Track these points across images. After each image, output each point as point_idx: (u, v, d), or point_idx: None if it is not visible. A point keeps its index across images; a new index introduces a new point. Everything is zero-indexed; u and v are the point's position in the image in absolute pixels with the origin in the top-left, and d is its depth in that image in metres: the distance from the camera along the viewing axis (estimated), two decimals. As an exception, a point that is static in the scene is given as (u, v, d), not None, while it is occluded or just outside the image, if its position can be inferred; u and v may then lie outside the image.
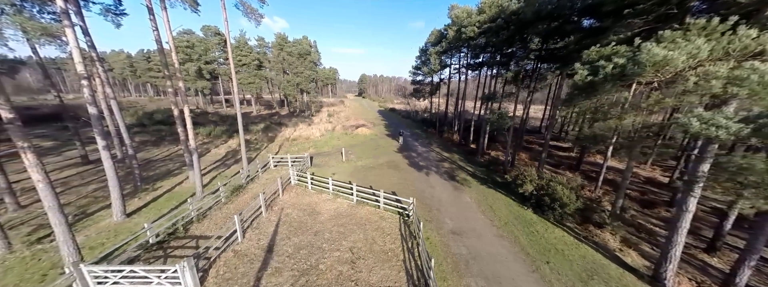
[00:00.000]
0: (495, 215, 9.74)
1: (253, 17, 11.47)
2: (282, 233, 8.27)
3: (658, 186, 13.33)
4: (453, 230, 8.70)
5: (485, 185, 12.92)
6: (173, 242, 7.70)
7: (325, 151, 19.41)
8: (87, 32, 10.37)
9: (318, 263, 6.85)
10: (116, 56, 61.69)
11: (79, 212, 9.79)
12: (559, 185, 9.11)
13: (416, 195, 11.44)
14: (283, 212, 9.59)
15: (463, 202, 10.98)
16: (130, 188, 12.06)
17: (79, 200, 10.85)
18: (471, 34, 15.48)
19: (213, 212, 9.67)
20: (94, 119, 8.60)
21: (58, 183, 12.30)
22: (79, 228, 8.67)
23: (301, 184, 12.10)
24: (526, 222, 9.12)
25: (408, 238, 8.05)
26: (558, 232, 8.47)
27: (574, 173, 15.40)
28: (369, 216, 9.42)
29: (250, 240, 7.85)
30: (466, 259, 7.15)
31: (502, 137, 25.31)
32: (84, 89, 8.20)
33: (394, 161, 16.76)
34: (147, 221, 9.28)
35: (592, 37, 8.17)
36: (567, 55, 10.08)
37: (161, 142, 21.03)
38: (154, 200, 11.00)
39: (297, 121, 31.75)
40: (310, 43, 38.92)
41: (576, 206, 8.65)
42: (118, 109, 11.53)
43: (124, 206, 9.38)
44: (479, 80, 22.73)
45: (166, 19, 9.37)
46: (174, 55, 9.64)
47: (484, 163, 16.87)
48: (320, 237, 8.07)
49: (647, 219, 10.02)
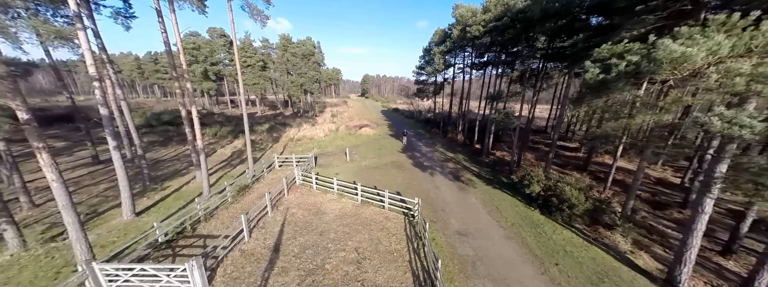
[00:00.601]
0: (501, 215, 9.62)
1: (258, 19, 11.57)
2: (288, 232, 8.31)
3: (669, 187, 13.01)
4: (459, 231, 8.62)
5: (491, 186, 12.78)
6: (182, 240, 7.80)
7: (329, 151, 19.48)
8: (98, 35, 10.61)
9: (324, 263, 6.86)
10: (124, 58, 63.07)
11: (90, 211, 10.00)
12: (567, 186, 8.95)
13: (421, 196, 11.37)
14: (289, 212, 9.63)
15: (468, 203, 10.88)
16: (139, 187, 12.28)
17: (90, 199, 11.09)
18: (476, 33, 15.34)
19: (220, 211, 9.77)
20: (106, 120, 8.78)
21: (70, 183, 12.59)
22: (91, 227, 8.85)
23: (306, 184, 12.15)
24: (534, 223, 8.98)
25: (413, 239, 8.00)
26: (566, 233, 8.31)
27: (581, 173, 15.13)
28: (374, 216, 9.40)
29: (256, 239, 7.90)
30: (473, 260, 7.07)
31: (507, 137, 25.03)
32: (96, 90, 8.37)
33: (399, 161, 16.72)
34: (156, 220, 9.44)
35: (601, 35, 8.00)
36: (575, 54, 9.91)
37: (169, 142, 21.39)
38: (162, 200, 11.17)
39: (301, 121, 31.96)
40: (314, 44, 39.13)
41: (585, 208, 8.49)
42: (128, 110, 11.76)
43: (133, 205, 9.54)
44: (483, 79, 22.54)
45: (174, 21, 9.50)
46: (182, 56, 9.78)
47: (490, 163, 16.70)
48: (325, 236, 8.08)
49: (659, 220, 9.77)
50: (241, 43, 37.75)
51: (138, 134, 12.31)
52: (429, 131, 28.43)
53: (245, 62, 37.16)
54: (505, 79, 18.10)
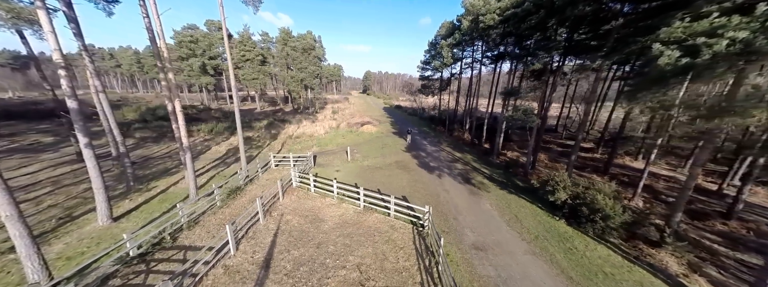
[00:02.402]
0: (522, 226, 8.52)
1: (250, 3, 10.38)
2: (280, 244, 7.29)
3: (704, 193, 11.80)
4: (476, 244, 7.55)
5: (505, 190, 11.66)
6: (158, 253, 6.80)
7: (329, 149, 18.42)
8: (74, 19, 9.49)
9: (321, 284, 5.83)
10: (124, 52, 62.06)
11: (64, 214, 9.05)
12: (600, 194, 7.81)
13: (429, 200, 10.31)
14: (283, 219, 8.61)
15: (482, 209, 9.79)
16: (122, 188, 11.32)
17: (68, 201, 10.13)
18: (490, 23, 14.03)
19: (206, 217, 8.77)
20: (74, 114, 7.74)
21: (49, 182, 11.66)
22: (61, 234, 7.89)
23: (303, 186, 11.11)
24: (561, 237, 7.88)
25: (424, 254, 6.94)
26: (602, 250, 7.21)
27: (602, 176, 13.93)
28: (378, 224, 8.35)
29: (243, 252, 6.89)
30: (496, 283, 6.01)
31: (515, 137, 23.79)
32: (61, 79, 7.31)
33: (403, 161, 15.63)
34: (135, 226, 8.49)
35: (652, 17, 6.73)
36: (621, 39, 8.12)
37: (162, 138, 20.41)
38: (146, 202, 10.19)
39: (301, 118, 30.89)
40: (315, 38, 37.78)
41: (622, 220, 7.36)
42: (107, 103, 10.70)
43: (110, 209, 8.56)
44: (494, 74, 21.21)
45: (152, 2, 8.37)
46: (161, 42, 8.66)
47: (501, 164, 15.56)
48: (323, 250, 7.05)
49: (701, 233, 8.63)
50: (240, 37, 36.51)
51: (128, 131, 11.35)
52: (433, 129, 27.25)
53: (244, 56, 35.97)
54: (518, 74, 16.81)
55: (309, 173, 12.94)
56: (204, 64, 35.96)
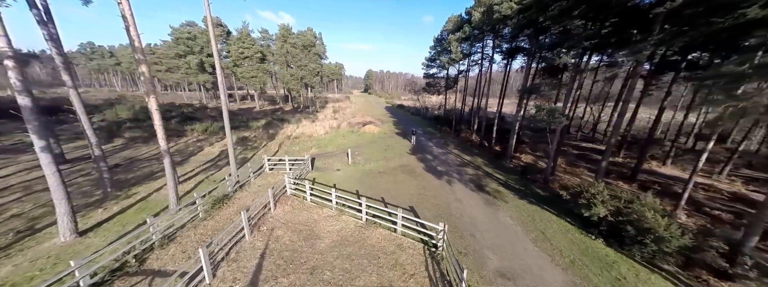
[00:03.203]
0: (553, 246, 7.25)
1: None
2: (267, 269, 6.11)
3: (749, 205, 10.42)
4: (500, 270, 6.29)
5: (525, 200, 10.38)
6: (119, 281, 5.63)
7: (329, 151, 17.23)
8: (34, 5, 8.36)
9: (312, 327, 4.64)
10: (124, 50, 61.36)
11: (25, 227, 7.94)
12: (650, 211, 6.50)
13: (440, 212, 9.07)
14: (273, 235, 7.42)
15: (503, 224, 8.52)
16: (99, 195, 10.21)
17: (35, 209, 9.04)
18: (507, 13, 12.69)
19: (185, 231, 7.61)
20: (27, 113, 6.61)
21: (19, 188, 10.59)
22: (14, 252, 6.77)
23: (298, 194, 9.92)
24: (602, 261, 6.60)
25: (440, 283, 5.72)
26: (658, 281, 5.92)
27: (629, 184, 12.60)
28: (383, 243, 7.13)
29: (222, 280, 5.71)
30: (534, 328, 4.76)
31: (526, 138, 22.43)
32: (9, 72, 6.17)
33: (409, 165, 14.40)
34: (103, 241, 7.36)
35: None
36: (669, 29, 6.88)
37: (152, 138, 19.33)
38: (121, 212, 9.07)
39: (300, 117, 29.76)
40: (315, 35, 36.59)
41: (680, 244, 6.05)
42: (79, 100, 9.57)
43: (74, 222, 7.43)
44: (506, 71, 19.85)
45: (122, -18, 7.18)
46: (133, 30, 7.49)
47: (516, 169, 14.25)
48: (318, 277, 5.85)
49: (761, 254, 7.29)
50: (238, 34, 35.41)
51: (110, 131, 10.24)
52: (439, 130, 25.95)
53: (242, 54, 34.87)
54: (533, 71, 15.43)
55: (306, 178, 11.76)
56: (202, 61, 34.93)
